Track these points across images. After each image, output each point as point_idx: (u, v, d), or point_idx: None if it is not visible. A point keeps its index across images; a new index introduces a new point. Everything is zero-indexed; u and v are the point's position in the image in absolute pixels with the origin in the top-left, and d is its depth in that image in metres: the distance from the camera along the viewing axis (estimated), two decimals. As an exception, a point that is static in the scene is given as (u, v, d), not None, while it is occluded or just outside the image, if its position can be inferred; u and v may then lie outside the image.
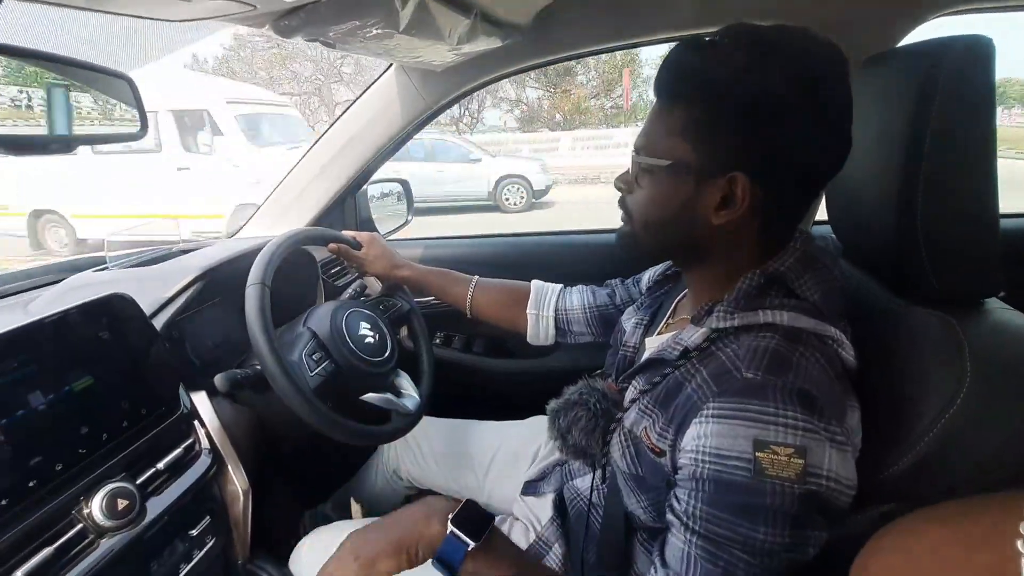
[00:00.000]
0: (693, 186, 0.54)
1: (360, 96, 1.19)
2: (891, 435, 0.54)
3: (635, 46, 1.09)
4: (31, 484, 0.58)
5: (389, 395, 0.90)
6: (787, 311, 0.53)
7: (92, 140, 0.62)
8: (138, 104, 0.66)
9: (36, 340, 0.63)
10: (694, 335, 0.57)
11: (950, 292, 0.56)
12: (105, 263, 1.00)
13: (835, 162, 0.54)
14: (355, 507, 1.08)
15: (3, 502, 0.55)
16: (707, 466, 0.49)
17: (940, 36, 0.56)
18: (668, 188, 0.56)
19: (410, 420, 0.92)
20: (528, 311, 0.96)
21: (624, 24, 1.04)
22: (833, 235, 0.74)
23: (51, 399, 0.62)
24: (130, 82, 0.65)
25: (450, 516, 0.54)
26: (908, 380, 0.56)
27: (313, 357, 0.84)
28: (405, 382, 0.97)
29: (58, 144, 0.57)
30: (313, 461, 1.17)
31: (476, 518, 0.55)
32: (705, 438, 0.49)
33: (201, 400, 0.82)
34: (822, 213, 0.78)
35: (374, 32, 0.72)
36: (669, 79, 0.55)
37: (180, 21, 0.55)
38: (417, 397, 0.95)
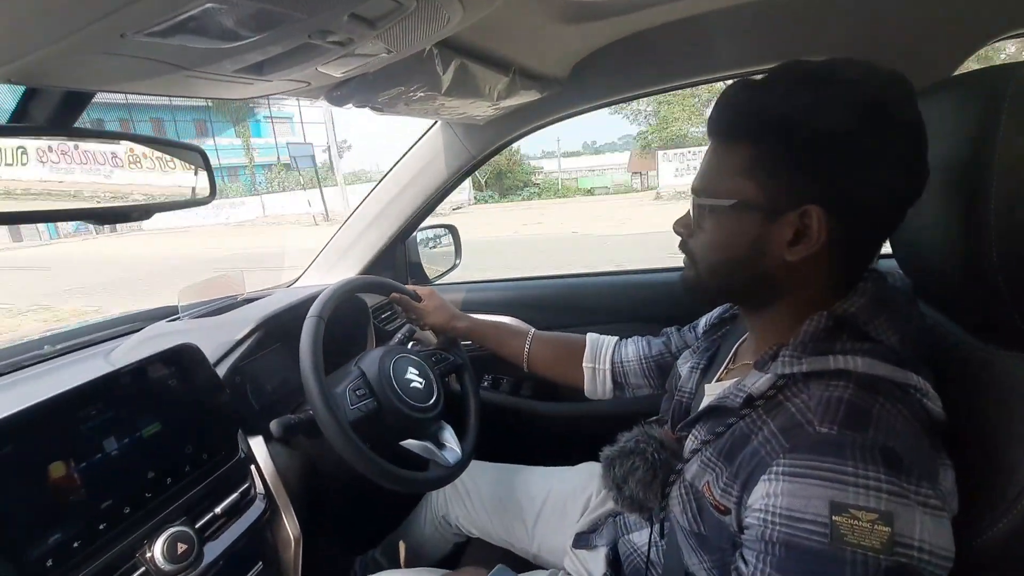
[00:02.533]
0: (761, 223, 0.52)
1: (409, 150, 1.25)
2: (981, 497, 0.49)
3: (672, 90, 1.10)
4: (101, 527, 0.61)
5: (430, 444, 0.90)
6: (861, 356, 0.49)
7: (168, 207, 0.69)
8: (208, 172, 0.73)
9: (114, 389, 0.68)
10: (758, 382, 0.53)
11: None
12: (178, 313, 1.08)
13: (911, 189, 0.51)
14: (403, 553, 1.08)
15: (75, 544, 0.58)
16: (777, 528, 0.45)
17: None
18: (735, 227, 0.54)
19: (448, 473, 0.90)
20: (584, 364, 0.94)
21: (661, 70, 1.06)
22: (900, 270, 0.70)
23: (124, 444, 0.66)
24: (202, 153, 0.72)
25: None
26: (996, 434, 0.50)
27: (357, 392, 0.86)
28: (448, 435, 0.96)
29: (138, 212, 0.64)
30: (364, 507, 1.18)
31: None
32: (775, 497, 0.45)
33: (257, 445, 0.85)
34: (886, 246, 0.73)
35: (418, 95, 0.77)
36: (726, 119, 0.54)
37: (243, 99, 0.61)
38: (459, 452, 0.94)
